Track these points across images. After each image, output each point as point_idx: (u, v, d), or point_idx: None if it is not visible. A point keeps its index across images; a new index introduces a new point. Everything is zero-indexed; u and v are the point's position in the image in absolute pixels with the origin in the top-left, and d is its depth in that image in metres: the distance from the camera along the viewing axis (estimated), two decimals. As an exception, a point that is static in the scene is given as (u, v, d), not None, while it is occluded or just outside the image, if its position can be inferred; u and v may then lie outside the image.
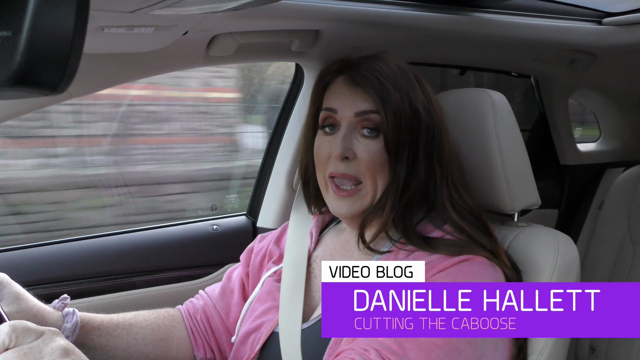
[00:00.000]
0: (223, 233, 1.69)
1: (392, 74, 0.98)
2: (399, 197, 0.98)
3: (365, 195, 1.00)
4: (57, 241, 1.50)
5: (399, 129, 0.96)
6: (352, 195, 1.00)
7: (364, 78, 0.98)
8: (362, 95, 0.99)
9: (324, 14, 1.30)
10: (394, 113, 0.96)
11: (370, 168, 0.98)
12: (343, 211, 1.02)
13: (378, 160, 0.98)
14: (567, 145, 2.24)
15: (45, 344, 0.64)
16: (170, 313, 1.20)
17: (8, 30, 0.38)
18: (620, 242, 2.02)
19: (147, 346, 1.11)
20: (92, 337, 1.05)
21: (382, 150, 0.98)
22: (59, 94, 0.41)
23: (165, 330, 1.15)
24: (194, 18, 1.09)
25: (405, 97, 0.97)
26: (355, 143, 0.99)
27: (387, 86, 0.96)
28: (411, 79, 1.00)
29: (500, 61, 1.89)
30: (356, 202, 1.01)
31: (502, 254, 0.99)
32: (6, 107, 1.19)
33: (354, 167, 0.99)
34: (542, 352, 1.04)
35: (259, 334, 1.07)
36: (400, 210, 0.99)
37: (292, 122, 1.68)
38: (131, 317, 1.12)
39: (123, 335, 1.08)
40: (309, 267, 1.12)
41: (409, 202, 0.99)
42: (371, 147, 0.98)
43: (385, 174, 0.99)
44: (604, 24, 1.77)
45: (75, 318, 1.02)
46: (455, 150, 1.05)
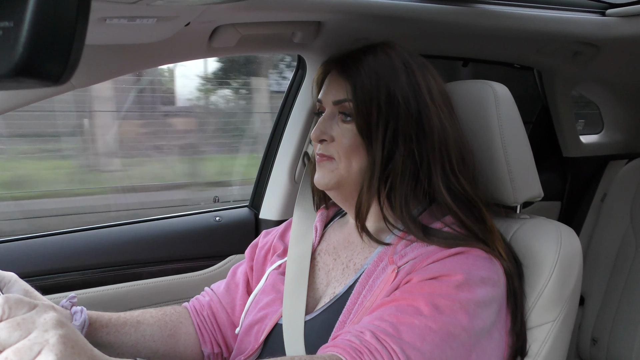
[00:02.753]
0: (226, 224, 1.70)
1: (374, 61, 1.02)
2: (378, 180, 1.00)
3: (335, 168, 1.04)
4: (62, 232, 1.51)
5: (369, 115, 1.00)
6: (322, 163, 1.06)
7: (346, 67, 1.04)
8: (340, 84, 1.04)
9: (326, 6, 1.30)
10: (364, 100, 1.00)
11: (344, 150, 1.03)
12: (318, 181, 1.06)
13: (352, 143, 1.02)
14: (569, 138, 2.24)
15: (39, 315, 0.64)
16: (177, 310, 1.21)
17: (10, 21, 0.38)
18: (622, 234, 2.02)
19: (155, 342, 1.12)
20: (101, 334, 1.05)
21: (356, 134, 1.02)
22: (61, 85, 0.41)
23: (172, 326, 1.16)
24: (196, 9, 1.08)
25: (383, 85, 1.00)
26: (335, 127, 1.04)
27: (362, 73, 1.01)
28: (395, 66, 1.02)
29: (503, 53, 1.89)
30: (326, 174, 1.05)
31: (500, 246, 0.99)
32: (8, 98, 1.19)
33: (331, 148, 1.04)
34: (544, 342, 1.05)
35: (263, 325, 1.08)
36: (392, 196, 1.00)
37: (295, 114, 1.68)
38: (138, 315, 1.13)
39: (131, 333, 1.09)
40: (313, 260, 1.13)
41: (396, 187, 1.00)
42: (346, 131, 1.03)
43: (361, 155, 1.02)
44: (607, 15, 1.76)
45: (84, 316, 1.02)
46: (457, 137, 1.05)
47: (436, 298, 0.87)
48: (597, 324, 1.99)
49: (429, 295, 0.88)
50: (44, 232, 1.48)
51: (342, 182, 1.05)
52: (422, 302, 0.87)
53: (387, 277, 0.95)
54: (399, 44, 1.08)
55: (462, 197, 1.01)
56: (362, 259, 1.05)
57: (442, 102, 1.04)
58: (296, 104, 1.68)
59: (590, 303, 2.04)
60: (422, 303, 0.87)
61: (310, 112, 1.62)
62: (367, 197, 1.01)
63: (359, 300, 0.96)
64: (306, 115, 1.64)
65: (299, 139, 1.66)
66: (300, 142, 1.66)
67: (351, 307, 0.96)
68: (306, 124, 1.64)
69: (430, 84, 1.04)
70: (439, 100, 1.04)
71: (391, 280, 0.94)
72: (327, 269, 1.11)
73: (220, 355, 1.21)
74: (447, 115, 1.04)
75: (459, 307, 0.87)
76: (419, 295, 0.88)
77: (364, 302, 0.95)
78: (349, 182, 1.04)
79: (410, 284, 0.91)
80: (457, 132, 1.05)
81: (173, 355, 1.15)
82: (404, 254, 0.97)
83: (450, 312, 0.86)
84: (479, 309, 0.89)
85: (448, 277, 0.89)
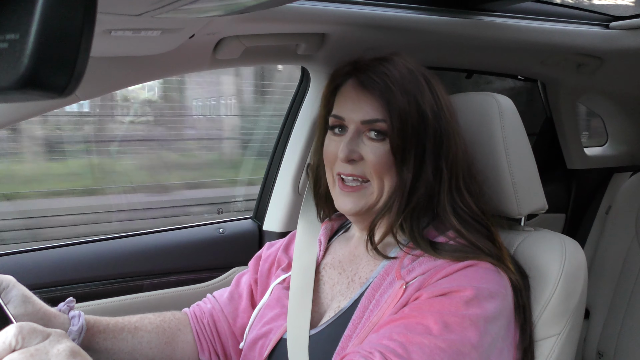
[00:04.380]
0: (229, 236, 1.70)
1: (400, 77, 0.98)
2: (406, 199, 0.98)
3: (371, 193, 1.01)
4: (65, 244, 1.51)
5: (405, 133, 0.97)
6: (357, 191, 1.01)
7: (371, 82, 0.99)
8: (368, 100, 1.00)
9: (330, 18, 1.30)
10: (400, 118, 0.96)
11: (376, 169, 0.99)
12: (348, 207, 1.02)
13: (384, 162, 0.99)
14: (574, 150, 2.23)
15: (52, 346, 0.64)
16: (177, 316, 1.20)
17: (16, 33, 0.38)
18: (627, 247, 2.01)
19: (152, 349, 1.11)
20: (98, 340, 1.05)
21: (389, 153, 0.98)
22: (66, 97, 0.41)
23: (170, 333, 1.15)
24: (200, 21, 1.09)
25: (413, 102, 0.97)
26: (362, 146, 1.00)
27: (394, 91, 0.97)
28: (420, 82, 1.00)
29: (507, 65, 1.89)
30: (361, 199, 1.01)
31: (507, 260, 0.98)
32: (13, 110, 1.20)
33: (360, 167, 1.00)
34: (549, 356, 1.04)
35: (268, 340, 1.07)
36: (408, 213, 0.99)
37: (298, 125, 1.68)
38: (137, 320, 1.12)
39: (128, 339, 1.08)
40: (317, 274, 1.12)
41: (416, 205, 0.99)
42: (378, 149, 0.99)
43: (393, 175, 0.99)
44: (611, 27, 1.77)
45: (82, 321, 1.02)
46: (465, 153, 1.04)
47: (445, 316, 0.86)
48: (603, 337, 1.98)
49: (439, 313, 0.86)
50: (47, 244, 1.48)
51: (373, 206, 1.02)
52: (432, 321, 0.85)
53: (394, 293, 0.94)
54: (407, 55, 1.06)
55: (466, 215, 1.00)
56: (367, 273, 1.04)
57: (453, 118, 1.04)
58: (300, 115, 1.68)
59: (595, 316, 2.02)
60: (431, 321, 0.85)
61: (314, 123, 1.62)
62: (389, 216, 1.00)
63: (365, 315, 0.95)
64: (310, 126, 1.64)
65: (302, 150, 1.65)
66: (304, 154, 1.66)
67: (357, 321, 0.95)
68: (310, 136, 1.64)
69: (446, 99, 1.03)
70: (453, 115, 1.03)
71: (399, 295, 0.93)
72: (331, 282, 1.10)
73: None
74: (458, 131, 1.04)
75: (469, 324, 0.86)
76: (429, 313, 0.87)
77: (371, 317, 0.94)
78: (380, 204, 1.01)
79: (420, 300, 0.90)
80: (466, 148, 1.05)
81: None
82: (411, 269, 0.96)
83: (460, 330, 0.85)
84: (488, 324, 0.88)
85: (458, 293, 0.88)
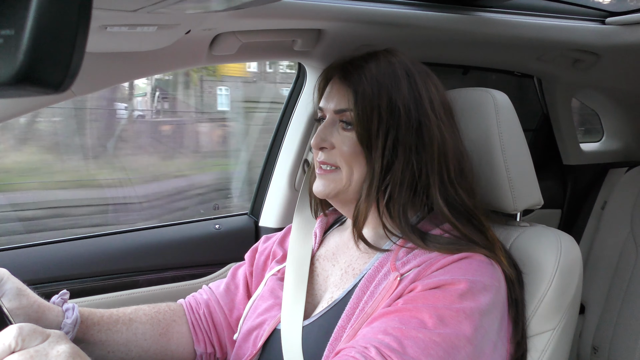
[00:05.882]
0: (225, 232, 1.70)
1: (376, 70, 1.02)
2: (376, 188, 1.00)
3: (340, 179, 1.04)
4: (61, 240, 1.50)
5: (370, 123, 1.00)
6: (328, 174, 1.05)
7: (347, 74, 1.04)
8: (341, 91, 1.05)
9: (326, 13, 1.30)
10: (365, 109, 1.00)
11: (345, 157, 1.03)
12: (319, 190, 1.06)
13: (352, 151, 1.02)
14: (570, 145, 2.24)
15: (51, 347, 0.64)
16: (172, 307, 1.20)
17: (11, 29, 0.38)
18: (623, 242, 2.02)
19: (147, 341, 1.12)
20: (92, 332, 1.05)
21: (356, 143, 1.02)
22: (61, 93, 0.41)
23: (165, 325, 1.16)
24: (196, 17, 1.09)
25: (385, 94, 1.00)
26: (336, 135, 1.05)
27: (364, 82, 1.01)
28: (397, 75, 1.02)
29: (503, 61, 1.89)
30: (330, 183, 1.05)
31: (501, 254, 0.99)
32: (8, 106, 1.20)
33: (332, 155, 1.05)
34: (544, 350, 1.04)
35: (262, 331, 1.08)
36: (393, 205, 1.00)
37: (295, 121, 1.68)
38: (131, 312, 1.13)
39: (123, 331, 1.09)
40: (312, 265, 1.14)
41: (396, 196, 1.00)
42: (346, 138, 1.03)
43: (362, 163, 1.02)
44: (607, 23, 1.77)
45: (76, 314, 1.02)
46: (456, 148, 1.05)
47: (440, 310, 0.86)
48: (598, 332, 1.98)
49: (433, 306, 0.87)
50: (43, 240, 1.48)
51: (342, 191, 1.05)
52: (426, 315, 0.86)
53: (389, 284, 0.94)
54: (401, 52, 1.08)
55: (459, 207, 1.01)
56: (361, 264, 1.05)
57: (442, 112, 1.04)
58: (296, 111, 1.68)
59: (590, 311, 2.03)
60: (426, 315, 0.86)
61: (311, 119, 1.62)
62: (365, 205, 1.01)
63: (359, 306, 0.96)
64: (306, 122, 1.64)
65: (299, 146, 1.66)
66: (300, 150, 1.66)
67: (350, 312, 0.96)
68: (306, 131, 1.64)
69: (432, 93, 1.04)
70: (440, 110, 1.04)
71: (394, 287, 0.93)
72: (325, 274, 1.11)
73: (213, 355, 1.21)
74: (447, 126, 1.04)
75: (464, 317, 0.86)
76: (423, 307, 0.87)
77: (365, 308, 0.95)
78: (349, 190, 1.04)
79: (414, 293, 0.91)
80: (456, 142, 1.05)
81: (165, 354, 1.15)
82: (406, 261, 0.97)
83: (454, 324, 0.85)
84: (483, 317, 0.88)
85: (452, 286, 0.89)
